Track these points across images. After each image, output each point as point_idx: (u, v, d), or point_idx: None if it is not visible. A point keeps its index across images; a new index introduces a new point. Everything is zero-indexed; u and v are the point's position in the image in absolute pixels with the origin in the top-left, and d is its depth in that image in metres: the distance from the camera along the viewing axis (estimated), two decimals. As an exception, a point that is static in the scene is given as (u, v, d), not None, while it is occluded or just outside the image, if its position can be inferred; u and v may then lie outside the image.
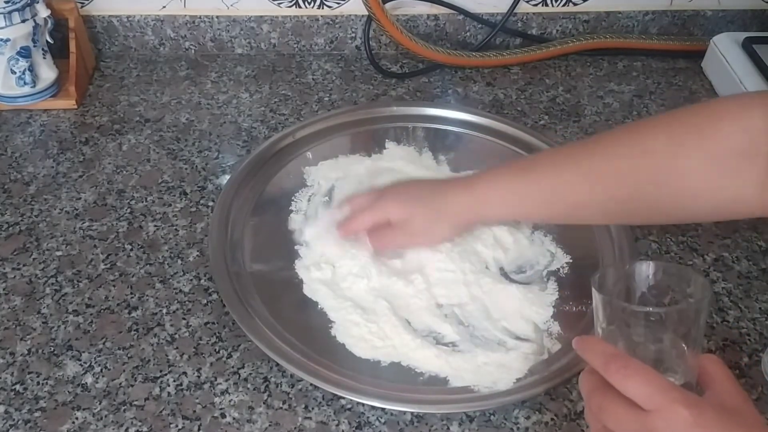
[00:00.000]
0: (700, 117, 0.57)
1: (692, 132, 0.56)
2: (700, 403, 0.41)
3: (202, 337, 0.64)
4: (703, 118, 0.56)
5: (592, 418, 0.45)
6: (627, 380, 0.42)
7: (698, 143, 0.55)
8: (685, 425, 0.40)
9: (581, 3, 0.99)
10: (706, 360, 0.45)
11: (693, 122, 0.57)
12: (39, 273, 0.69)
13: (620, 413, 0.43)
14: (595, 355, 0.44)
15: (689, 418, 0.40)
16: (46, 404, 0.59)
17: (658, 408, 0.41)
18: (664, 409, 0.41)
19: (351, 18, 0.96)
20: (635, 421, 0.42)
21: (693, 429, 0.40)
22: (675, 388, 0.41)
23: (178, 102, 0.90)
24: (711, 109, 0.57)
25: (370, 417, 0.58)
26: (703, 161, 0.55)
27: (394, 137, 0.83)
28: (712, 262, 0.72)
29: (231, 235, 0.71)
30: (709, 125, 0.56)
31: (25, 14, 0.82)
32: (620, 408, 0.42)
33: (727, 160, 0.55)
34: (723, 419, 0.41)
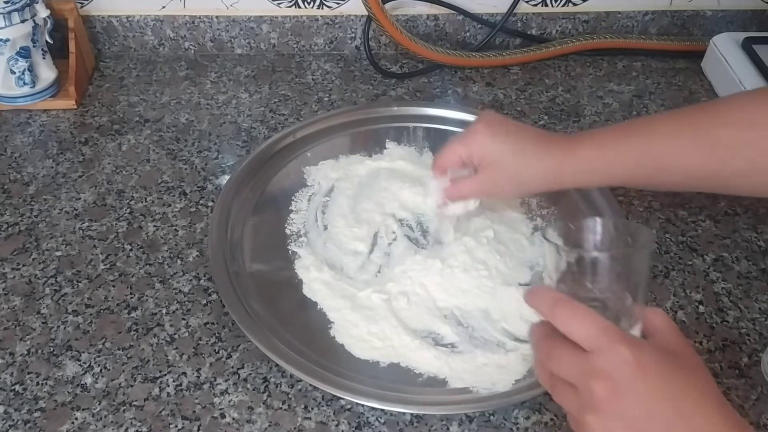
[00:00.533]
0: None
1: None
2: (641, 343, 0.42)
3: (201, 338, 0.64)
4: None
5: (540, 368, 0.46)
6: (571, 321, 0.43)
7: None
8: (625, 364, 0.41)
9: (581, 3, 0.99)
10: (651, 312, 0.46)
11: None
12: (38, 273, 0.69)
13: (565, 357, 0.43)
14: (542, 300, 0.45)
15: (630, 357, 0.41)
16: (46, 404, 0.59)
17: (600, 347, 0.42)
18: (605, 349, 0.41)
19: (350, 18, 0.96)
20: (579, 363, 0.42)
21: (633, 368, 0.41)
22: (617, 330, 0.42)
23: (177, 102, 0.90)
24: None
25: (369, 417, 0.58)
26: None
27: (394, 137, 0.83)
28: (712, 262, 0.72)
29: (231, 235, 0.71)
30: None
31: (25, 14, 0.81)
32: (565, 352, 0.43)
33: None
34: (663, 360, 0.42)
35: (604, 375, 0.41)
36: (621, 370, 0.41)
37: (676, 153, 0.59)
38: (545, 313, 0.44)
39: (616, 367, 0.41)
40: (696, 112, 0.60)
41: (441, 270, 0.67)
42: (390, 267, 0.68)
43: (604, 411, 0.41)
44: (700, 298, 0.69)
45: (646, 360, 0.41)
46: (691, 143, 0.58)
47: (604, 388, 0.41)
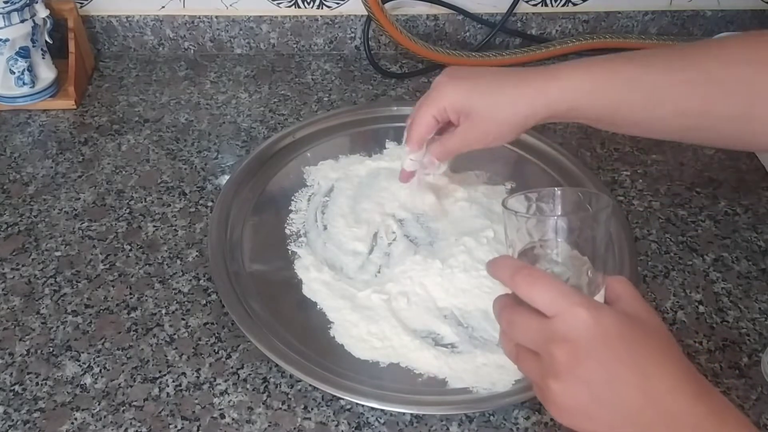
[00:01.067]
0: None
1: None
2: (601, 306, 0.42)
3: (201, 338, 0.64)
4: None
5: (504, 338, 0.46)
6: (531, 288, 0.42)
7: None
8: (585, 327, 0.41)
9: (581, 3, 0.99)
10: (613, 280, 0.45)
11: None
12: (38, 273, 0.69)
13: (526, 324, 0.43)
14: (503, 269, 0.45)
15: (589, 319, 0.40)
16: (45, 405, 0.59)
17: (560, 311, 0.41)
18: (565, 312, 0.41)
19: (350, 18, 0.96)
20: (540, 328, 0.42)
21: (593, 330, 0.41)
22: (578, 294, 0.42)
23: (177, 102, 0.90)
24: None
25: (369, 417, 0.58)
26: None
27: (394, 137, 0.83)
28: (712, 262, 0.72)
29: (230, 235, 0.71)
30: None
31: (24, 14, 0.81)
32: (527, 319, 0.43)
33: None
34: (624, 322, 0.41)
35: (564, 338, 0.41)
36: (581, 332, 0.41)
37: (666, 84, 0.55)
38: (506, 281, 0.44)
39: (576, 329, 0.41)
40: (692, 48, 0.56)
41: (441, 270, 0.67)
42: (390, 267, 0.68)
43: (566, 375, 0.41)
44: (700, 298, 0.69)
45: (607, 322, 0.41)
46: (681, 75, 0.55)
47: (565, 352, 0.41)
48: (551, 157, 0.81)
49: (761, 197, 0.79)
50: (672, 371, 0.41)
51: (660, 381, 0.41)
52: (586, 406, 0.41)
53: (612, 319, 0.41)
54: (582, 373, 0.41)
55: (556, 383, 0.42)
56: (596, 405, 0.41)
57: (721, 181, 0.81)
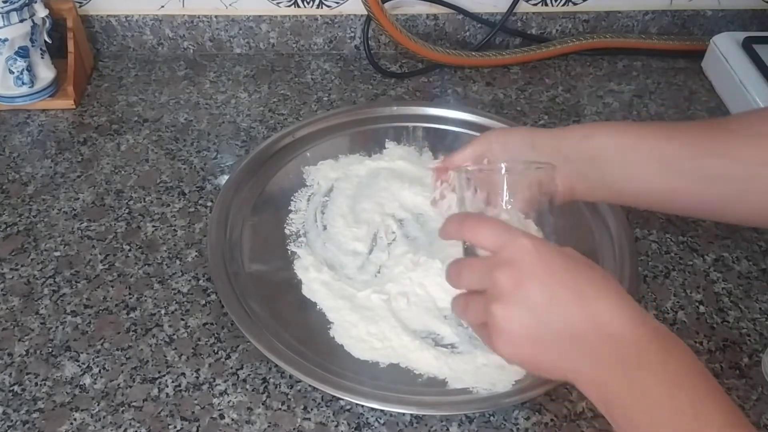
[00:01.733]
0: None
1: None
2: (543, 239, 0.46)
3: (200, 338, 0.64)
4: None
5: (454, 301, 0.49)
6: (478, 230, 0.46)
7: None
8: (527, 253, 0.44)
9: (581, 3, 0.99)
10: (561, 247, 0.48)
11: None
12: (37, 273, 0.69)
13: (473, 265, 0.47)
14: (451, 222, 0.48)
15: (531, 246, 0.44)
16: (45, 405, 0.58)
17: (504, 243, 0.44)
18: (509, 242, 0.44)
19: (350, 18, 0.96)
20: (485, 263, 0.45)
21: (535, 256, 0.43)
22: (520, 229, 0.45)
23: (176, 102, 0.90)
24: None
25: (369, 418, 0.58)
26: None
27: (394, 137, 0.83)
28: (712, 262, 0.72)
29: (230, 235, 0.70)
30: None
31: (23, 14, 0.81)
32: (474, 262, 0.47)
33: None
34: (565, 255, 0.45)
35: (508, 264, 0.44)
36: (524, 258, 0.43)
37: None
38: (455, 232, 0.48)
39: (519, 255, 0.44)
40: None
41: (441, 270, 0.66)
42: (389, 267, 0.68)
43: (509, 298, 0.43)
44: (700, 298, 0.69)
45: (548, 251, 0.44)
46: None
47: (508, 276, 0.44)
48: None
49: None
50: (612, 297, 0.43)
51: (601, 305, 0.43)
52: (530, 329, 0.43)
53: (555, 251, 0.44)
54: (524, 295, 0.43)
55: (499, 307, 0.44)
56: (540, 327, 0.43)
57: (721, 181, 0.81)
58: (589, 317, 0.43)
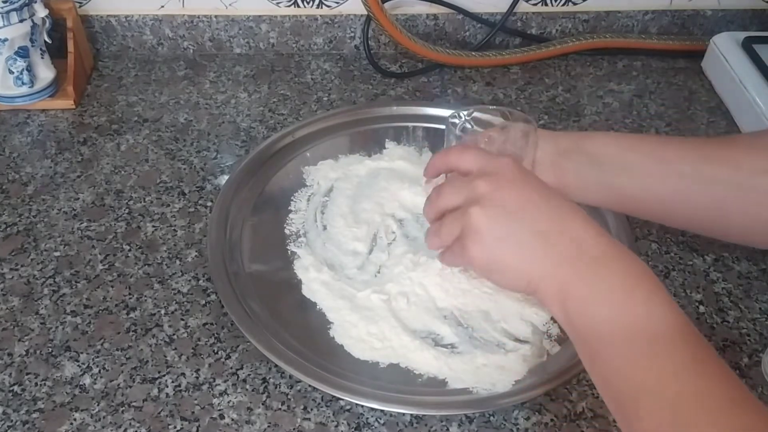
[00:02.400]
0: None
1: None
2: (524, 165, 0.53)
3: (200, 338, 0.64)
4: None
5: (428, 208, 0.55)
6: (463, 155, 0.52)
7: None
8: (508, 167, 0.50)
9: (581, 2, 0.99)
10: None
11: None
12: (37, 273, 0.69)
13: (455, 183, 0.51)
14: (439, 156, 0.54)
15: (512, 163, 0.50)
16: (44, 405, 0.58)
17: (487, 162, 0.50)
18: (492, 161, 0.50)
19: (350, 17, 0.96)
20: (468, 179, 0.50)
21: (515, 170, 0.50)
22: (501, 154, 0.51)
23: (176, 102, 0.90)
24: None
25: (369, 418, 0.58)
26: None
27: (394, 137, 0.83)
28: (712, 262, 0.72)
29: (230, 235, 0.70)
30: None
31: (23, 14, 0.81)
32: (455, 181, 0.51)
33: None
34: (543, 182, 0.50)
35: (490, 173, 0.49)
36: (504, 170, 0.49)
37: None
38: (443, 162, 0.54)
39: (500, 168, 0.50)
40: None
41: (441, 270, 0.66)
42: (389, 267, 0.68)
43: (486, 200, 0.48)
44: (700, 298, 0.69)
45: (529, 173, 0.51)
46: None
47: (488, 182, 0.49)
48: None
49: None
50: (579, 214, 0.48)
51: (568, 214, 0.48)
52: (501, 228, 0.48)
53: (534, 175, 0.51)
54: (501, 199, 0.48)
55: (476, 208, 0.48)
56: (511, 226, 0.48)
57: (721, 181, 0.81)
58: (556, 219, 0.48)
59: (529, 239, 0.48)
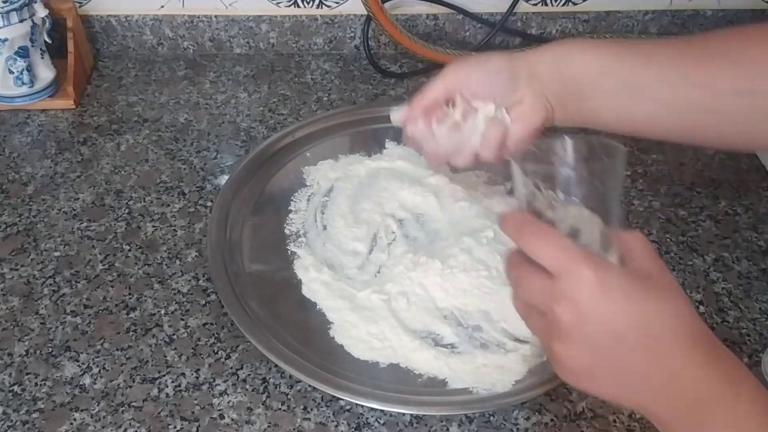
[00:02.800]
0: None
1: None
2: (608, 266, 0.40)
3: (200, 338, 0.64)
4: None
5: (514, 298, 0.45)
6: (536, 245, 0.41)
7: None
8: (589, 287, 0.39)
9: (581, 2, 0.99)
10: (626, 234, 0.44)
11: None
12: (37, 273, 0.69)
13: (532, 282, 0.42)
14: (510, 223, 0.43)
15: (593, 278, 0.39)
16: (44, 405, 0.58)
17: (563, 270, 0.40)
18: (569, 271, 0.40)
19: (350, 18, 0.96)
20: (544, 287, 0.41)
21: (597, 290, 0.39)
22: (582, 251, 0.40)
23: (176, 102, 0.90)
24: None
25: (369, 418, 0.58)
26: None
27: (394, 137, 0.83)
28: (712, 262, 0.72)
29: (230, 235, 0.70)
30: None
31: (23, 14, 0.81)
32: (533, 277, 0.42)
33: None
34: (631, 284, 0.40)
35: (568, 298, 0.40)
36: (584, 292, 0.39)
37: (661, 56, 0.56)
38: (513, 237, 0.43)
39: (579, 289, 0.39)
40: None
41: (441, 270, 0.66)
42: (389, 267, 0.68)
43: (569, 336, 0.40)
44: (700, 298, 0.69)
45: (613, 282, 0.39)
46: (683, 51, 0.55)
47: (568, 312, 0.40)
48: (551, 157, 0.80)
49: (761, 197, 0.79)
50: (682, 333, 0.39)
51: (668, 344, 0.39)
52: (589, 367, 0.41)
53: (618, 279, 0.40)
54: (585, 334, 0.40)
55: (558, 344, 0.41)
56: (603, 367, 0.40)
57: (721, 181, 0.81)
58: (655, 359, 0.39)
59: (625, 380, 0.41)
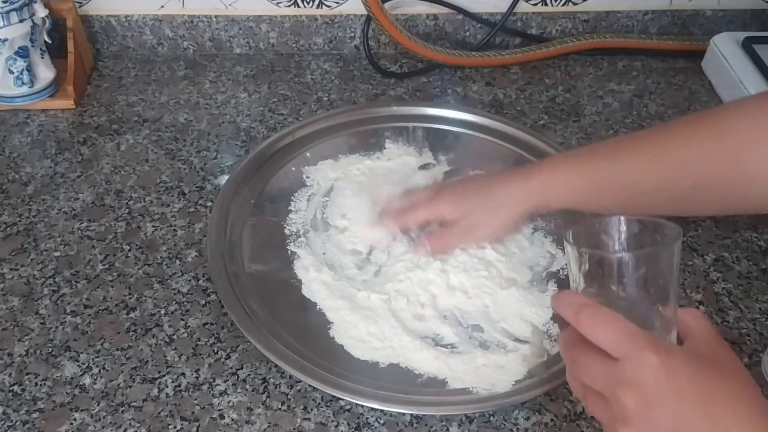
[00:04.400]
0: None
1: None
2: (670, 349, 0.41)
3: (200, 338, 0.64)
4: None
5: (570, 376, 0.45)
6: (596, 328, 0.42)
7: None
8: (653, 371, 0.40)
9: (581, 2, 0.99)
10: (685, 313, 0.44)
11: None
12: (37, 273, 0.69)
13: (592, 365, 0.42)
14: (567, 306, 0.43)
15: (658, 364, 0.39)
16: (44, 405, 0.58)
17: (626, 355, 0.40)
18: (632, 356, 0.40)
19: (350, 17, 0.96)
20: (606, 371, 0.41)
21: (661, 375, 0.39)
22: (644, 335, 0.41)
23: (176, 102, 0.90)
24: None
25: (369, 418, 0.58)
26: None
27: (394, 137, 0.83)
28: (712, 262, 0.72)
29: (230, 235, 0.70)
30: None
31: (23, 14, 0.81)
32: (592, 359, 0.42)
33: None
34: (694, 366, 0.40)
35: (632, 384, 0.40)
36: (649, 377, 0.40)
37: (643, 179, 0.60)
38: (570, 319, 0.43)
39: (644, 375, 0.40)
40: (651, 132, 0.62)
41: (440, 270, 0.66)
42: (389, 267, 0.68)
43: (634, 422, 0.40)
44: (700, 298, 0.69)
45: (676, 366, 0.40)
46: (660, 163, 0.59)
47: (633, 398, 0.40)
48: (551, 157, 0.80)
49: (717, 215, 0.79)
50: (746, 416, 0.40)
51: (731, 425, 0.39)
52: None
53: (682, 363, 0.40)
54: (651, 419, 0.40)
55: (624, 429, 0.41)
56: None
57: (721, 181, 0.81)
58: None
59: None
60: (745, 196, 0.57)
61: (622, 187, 0.60)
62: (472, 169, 0.79)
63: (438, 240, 0.67)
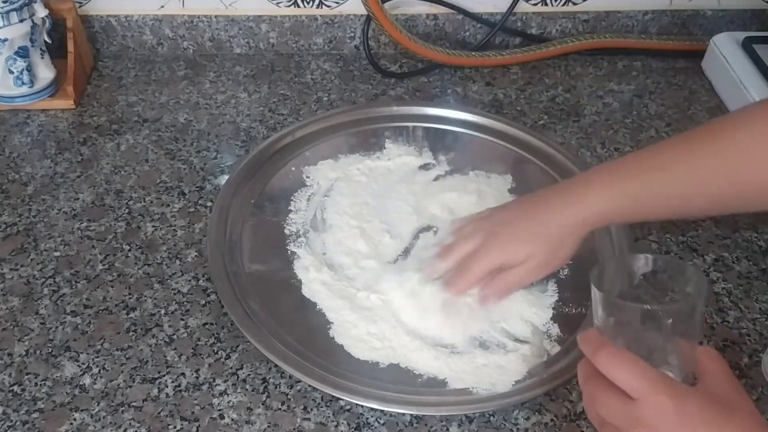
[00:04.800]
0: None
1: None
2: (686, 393, 0.43)
3: (200, 338, 0.64)
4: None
5: (588, 406, 0.47)
6: (614, 369, 0.44)
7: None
8: (668, 415, 0.42)
9: (581, 2, 0.99)
10: (703, 355, 0.46)
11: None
12: (37, 273, 0.69)
13: (610, 401, 0.44)
14: (587, 343, 0.46)
15: (672, 408, 0.42)
16: (44, 405, 0.58)
17: (643, 397, 0.42)
18: (649, 398, 0.42)
19: (350, 18, 0.96)
20: (623, 410, 0.43)
21: (676, 418, 0.41)
22: (661, 378, 0.43)
23: (176, 102, 0.90)
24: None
25: (369, 418, 0.58)
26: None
27: (394, 137, 0.83)
28: (712, 262, 0.72)
29: (229, 235, 0.70)
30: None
31: (23, 14, 0.81)
32: (610, 396, 0.44)
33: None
34: (708, 410, 0.42)
35: (647, 425, 0.42)
36: (663, 420, 0.42)
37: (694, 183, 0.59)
38: (589, 355, 0.46)
39: (659, 417, 0.42)
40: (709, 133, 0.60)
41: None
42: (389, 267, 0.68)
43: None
44: (700, 298, 0.69)
45: (690, 409, 0.42)
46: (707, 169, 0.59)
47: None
48: (551, 157, 0.80)
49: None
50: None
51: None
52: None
53: (696, 406, 0.42)
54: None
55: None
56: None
57: (721, 181, 0.81)
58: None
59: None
60: None
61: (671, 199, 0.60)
62: (472, 168, 0.79)
63: (504, 287, 0.64)
